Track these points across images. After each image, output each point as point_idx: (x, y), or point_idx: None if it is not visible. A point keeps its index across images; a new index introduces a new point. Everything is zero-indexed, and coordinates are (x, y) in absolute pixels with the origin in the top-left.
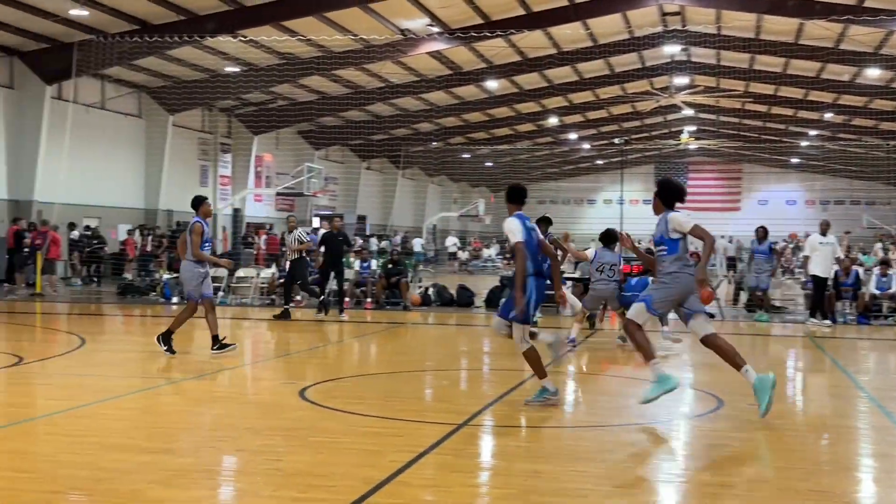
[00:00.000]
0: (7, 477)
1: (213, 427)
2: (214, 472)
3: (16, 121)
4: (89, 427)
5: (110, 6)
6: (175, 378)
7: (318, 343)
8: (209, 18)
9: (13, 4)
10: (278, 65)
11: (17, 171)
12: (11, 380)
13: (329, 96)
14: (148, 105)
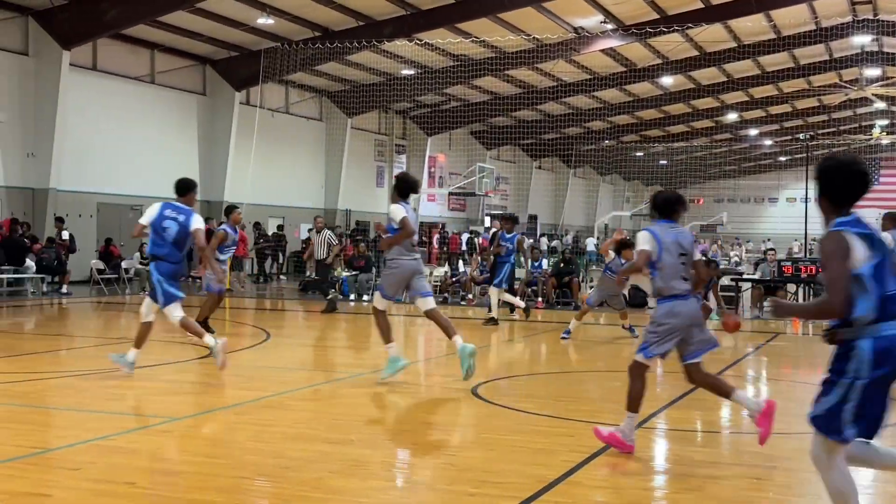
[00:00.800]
0: (199, 462)
1: (389, 420)
2: (391, 464)
3: (208, 126)
4: (275, 417)
5: (294, 14)
6: (353, 372)
7: (488, 342)
8: (387, 23)
9: (206, 15)
10: (452, 66)
11: (209, 174)
12: (204, 370)
13: (501, 96)
14: (328, 108)
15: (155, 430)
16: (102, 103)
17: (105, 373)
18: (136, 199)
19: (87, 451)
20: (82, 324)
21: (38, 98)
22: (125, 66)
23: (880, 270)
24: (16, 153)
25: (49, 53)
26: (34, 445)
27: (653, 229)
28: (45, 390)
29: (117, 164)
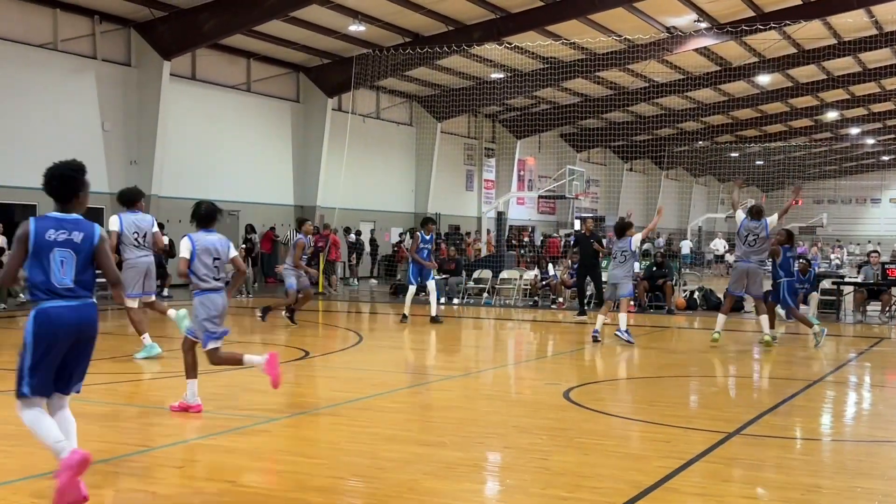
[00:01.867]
0: (296, 461)
1: (481, 423)
2: (484, 467)
3: (302, 132)
4: (369, 418)
5: (386, 21)
6: (444, 375)
7: (579, 345)
8: (476, 27)
9: (299, 24)
10: (541, 69)
11: (302, 179)
12: (300, 372)
13: (591, 98)
14: (418, 113)
15: (253, 429)
16: (201, 112)
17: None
18: (233, 204)
19: (190, 449)
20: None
21: (141, 107)
22: (222, 75)
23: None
24: (120, 161)
25: (150, 64)
26: (139, 443)
27: (191, 236)
28: (147, 390)
29: (215, 171)
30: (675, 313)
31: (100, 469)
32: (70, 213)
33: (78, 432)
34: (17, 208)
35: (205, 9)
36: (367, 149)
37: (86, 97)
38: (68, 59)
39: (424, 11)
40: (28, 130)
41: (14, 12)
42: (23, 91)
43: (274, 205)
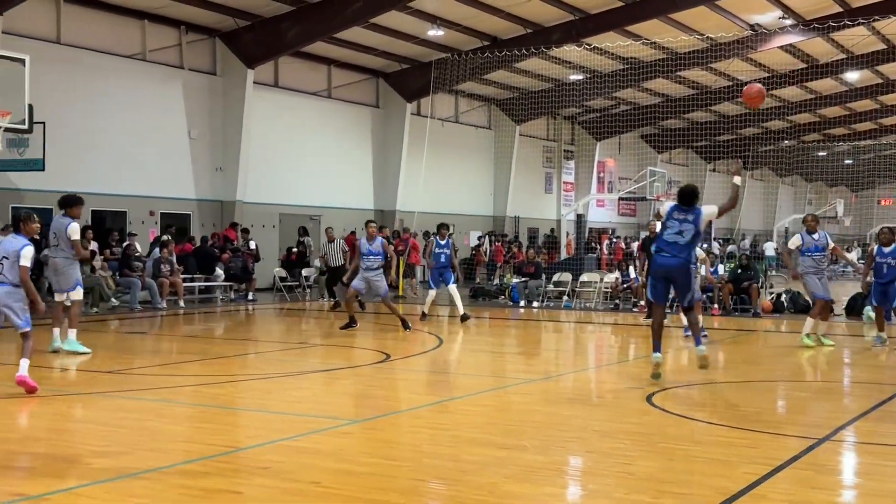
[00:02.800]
0: (378, 463)
1: (562, 427)
2: (565, 471)
3: (381, 137)
4: (450, 421)
5: (464, 25)
6: (524, 378)
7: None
8: (555, 29)
9: (379, 30)
10: (621, 70)
11: (382, 184)
12: (381, 374)
13: (673, 98)
14: (497, 116)
15: (337, 431)
16: (283, 118)
17: (290, 376)
18: (316, 209)
19: (275, 450)
20: (267, 329)
21: (226, 115)
22: (304, 82)
23: None
24: (206, 168)
25: (235, 72)
26: (226, 444)
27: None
28: (234, 392)
29: (297, 176)
30: (761, 316)
31: (188, 469)
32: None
33: (165, 433)
34: (109, 214)
35: (287, 17)
36: (446, 152)
37: (173, 106)
38: (156, 68)
39: (502, 14)
40: (118, 139)
41: (105, 24)
42: (113, 101)
43: (354, 209)
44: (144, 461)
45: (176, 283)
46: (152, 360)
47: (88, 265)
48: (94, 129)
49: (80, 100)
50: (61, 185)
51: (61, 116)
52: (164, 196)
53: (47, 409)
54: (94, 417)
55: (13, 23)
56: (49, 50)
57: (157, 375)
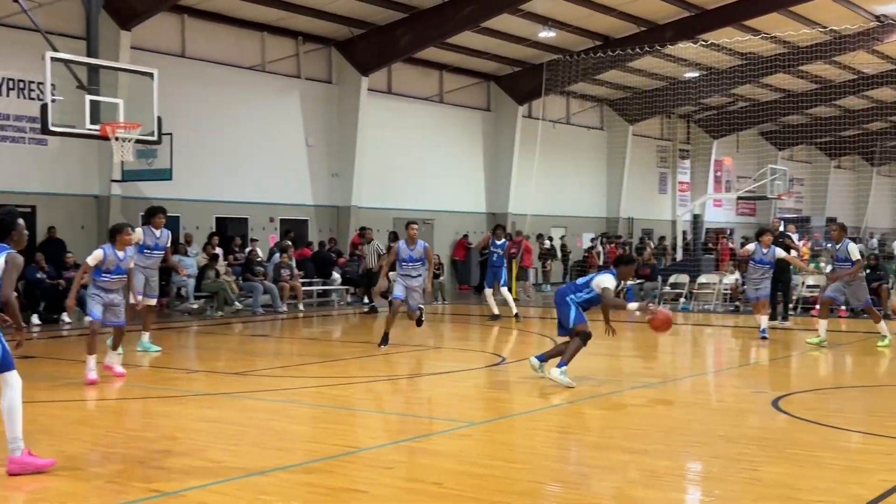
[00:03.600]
0: (500, 465)
1: (686, 431)
2: (690, 477)
3: (493, 140)
4: (569, 424)
5: (576, 26)
6: (642, 382)
7: (785, 352)
8: (669, 26)
9: (490, 34)
10: (739, 65)
11: (493, 186)
12: (496, 377)
13: (794, 93)
14: (609, 117)
15: (456, 433)
16: (396, 124)
17: (407, 378)
18: (428, 213)
19: (397, 451)
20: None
21: (341, 122)
22: (417, 88)
23: None
24: (323, 174)
25: (350, 80)
26: (349, 445)
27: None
28: (354, 394)
29: (410, 181)
30: (892, 318)
31: (313, 468)
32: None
33: (290, 433)
34: (231, 221)
35: (400, 25)
36: (558, 154)
37: (291, 114)
38: (275, 79)
39: (615, 13)
40: (239, 148)
41: (227, 37)
42: (234, 111)
43: (467, 213)
44: (272, 460)
45: (296, 287)
46: (275, 362)
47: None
48: (216, 139)
49: (204, 111)
50: (187, 193)
51: (186, 127)
52: (283, 202)
53: (179, 409)
54: (222, 417)
55: (141, 38)
56: (174, 64)
57: (279, 377)
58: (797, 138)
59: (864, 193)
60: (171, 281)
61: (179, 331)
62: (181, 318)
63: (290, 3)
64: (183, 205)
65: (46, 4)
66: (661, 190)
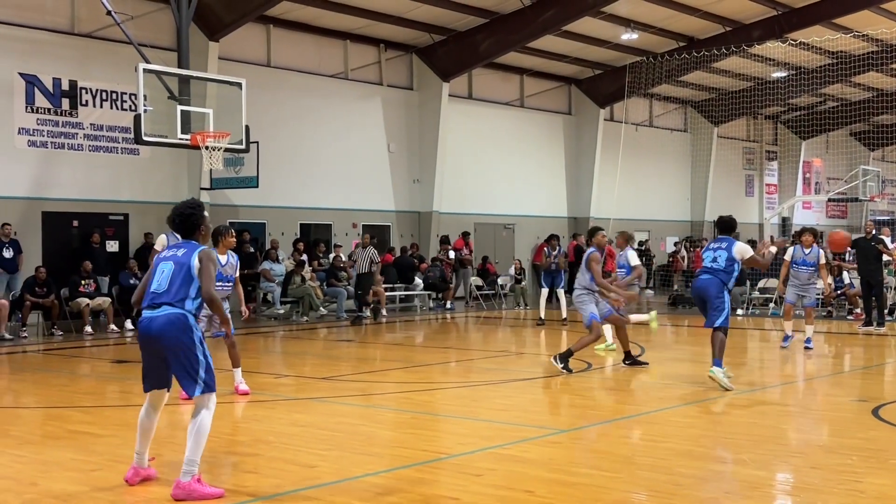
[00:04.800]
0: (592, 474)
1: (782, 441)
2: (790, 489)
3: (574, 144)
4: (659, 432)
5: (659, 27)
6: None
7: (882, 359)
8: (755, 26)
9: (571, 37)
10: (829, 64)
11: (575, 190)
12: (584, 383)
13: (886, 92)
14: (693, 119)
15: (545, 440)
16: (477, 129)
17: (493, 384)
18: (509, 218)
19: (486, 458)
20: (466, 337)
21: (422, 128)
22: (497, 93)
23: None
24: (404, 180)
25: (430, 86)
26: (438, 451)
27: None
28: (441, 399)
29: (491, 186)
30: None
31: (404, 475)
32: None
33: (379, 438)
34: (315, 227)
35: (480, 30)
36: (640, 157)
37: (373, 121)
38: (357, 86)
39: (700, 14)
40: (323, 155)
41: (310, 46)
42: (318, 119)
43: (548, 217)
44: (362, 465)
45: (378, 293)
46: (361, 367)
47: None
48: (300, 146)
49: (288, 119)
50: (273, 200)
51: (271, 135)
52: (366, 208)
53: (271, 413)
54: (313, 422)
55: (228, 49)
56: (260, 73)
57: (366, 382)
58: (889, 138)
59: None
60: (259, 286)
61: (266, 336)
62: (268, 324)
63: (371, 10)
64: (269, 211)
65: (138, 17)
66: (748, 192)
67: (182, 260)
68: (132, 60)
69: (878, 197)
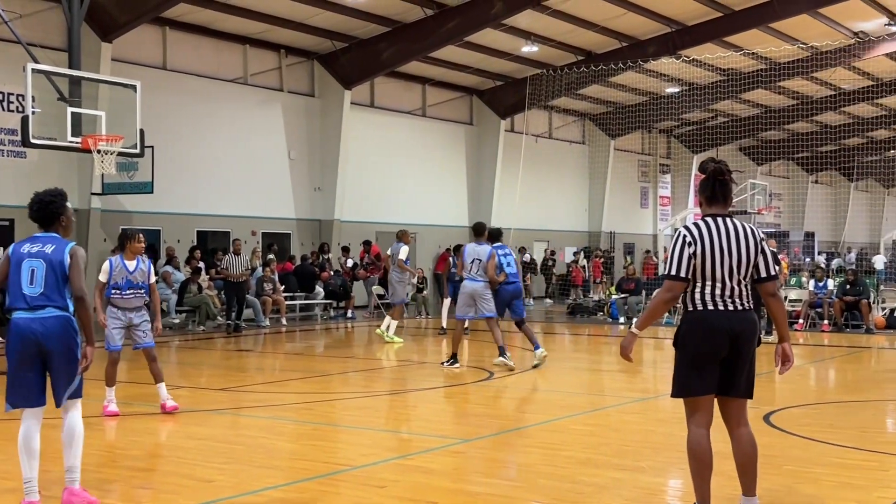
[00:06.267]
0: (494, 484)
1: (679, 448)
2: (686, 495)
3: (475, 154)
4: (562, 441)
5: (558, 41)
6: (629, 397)
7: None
8: (650, 42)
9: (473, 48)
10: (719, 81)
11: (476, 200)
12: (485, 392)
13: (772, 109)
14: (591, 131)
15: (448, 450)
16: (379, 138)
17: (395, 394)
18: (411, 227)
19: (389, 469)
20: (367, 346)
21: (323, 136)
22: (399, 102)
23: None
24: (305, 188)
25: (332, 93)
26: (341, 463)
27: None
28: (342, 410)
29: (393, 195)
30: (874, 333)
31: (307, 487)
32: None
33: (280, 450)
34: (212, 235)
35: (383, 38)
36: (540, 169)
37: (273, 127)
38: (257, 91)
39: (597, 29)
40: (221, 161)
41: (209, 49)
42: (217, 124)
43: (450, 226)
44: (263, 479)
45: (278, 302)
46: (259, 378)
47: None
48: (197, 151)
49: (186, 123)
50: (168, 206)
51: (167, 140)
52: (265, 216)
53: (166, 426)
54: (211, 435)
55: (122, 50)
56: (156, 76)
57: (265, 393)
58: (776, 154)
59: (842, 208)
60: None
61: (160, 346)
62: (162, 333)
63: (272, 16)
64: (164, 218)
65: (27, 16)
66: (642, 204)
67: (53, 257)
68: (21, 60)
69: (765, 210)
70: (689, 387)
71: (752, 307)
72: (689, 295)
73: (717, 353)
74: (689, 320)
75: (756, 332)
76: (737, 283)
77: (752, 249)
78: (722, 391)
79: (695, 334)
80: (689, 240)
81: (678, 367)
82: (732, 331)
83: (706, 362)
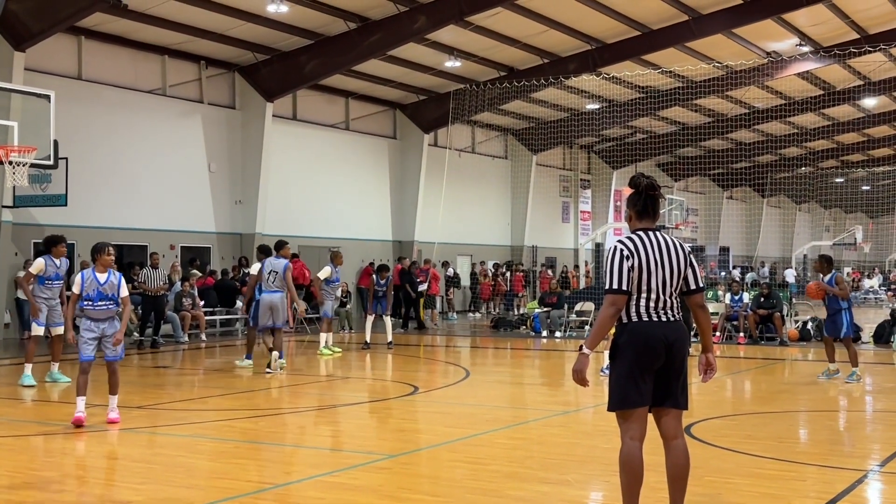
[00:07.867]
0: (420, 499)
1: (604, 460)
2: None
3: (399, 168)
4: (488, 455)
5: (481, 56)
6: (554, 410)
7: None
8: (571, 59)
9: (396, 62)
10: (638, 98)
11: (400, 214)
12: (411, 407)
13: (689, 126)
14: (513, 146)
15: (373, 466)
16: (301, 151)
17: (319, 410)
18: (334, 241)
19: (315, 486)
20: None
21: (245, 148)
22: (322, 115)
23: None
24: (225, 201)
25: (254, 106)
26: (264, 481)
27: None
28: (265, 427)
29: (316, 208)
30: (787, 345)
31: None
32: None
33: (200, 469)
34: (129, 249)
35: (305, 51)
36: (464, 183)
37: (193, 140)
38: (176, 103)
39: (519, 45)
40: (139, 173)
41: (125, 60)
42: (134, 135)
43: (374, 240)
44: (182, 499)
45: (198, 317)
46: (179, 395)
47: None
48: (114, 163)
49: (102, 135)
50: (83, 220)
51: (83, 152)
52: (185, 229)
53: (81, 445)
54: (128, 454)
55: (36, 60)
56: (71, 86)
57: (185, 410)
58: (692, 170)
59: (755, 223)
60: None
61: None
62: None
63: (191, 26)
64: (78, 231)
65: None
66: (563, 219)
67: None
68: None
69: (682, 224)
70: (626, 399)
71: (681, 318)
72: (624, 307)
73: (654, 363)
74: (627, 332)
75: (688, 341)
76: (668, 296)
77: (682, 262)
78: (658, 402)
79: (633, 345)
80: (627, 253)
81: (616, 380)
82: (667, 340)
83: (644, 372)
